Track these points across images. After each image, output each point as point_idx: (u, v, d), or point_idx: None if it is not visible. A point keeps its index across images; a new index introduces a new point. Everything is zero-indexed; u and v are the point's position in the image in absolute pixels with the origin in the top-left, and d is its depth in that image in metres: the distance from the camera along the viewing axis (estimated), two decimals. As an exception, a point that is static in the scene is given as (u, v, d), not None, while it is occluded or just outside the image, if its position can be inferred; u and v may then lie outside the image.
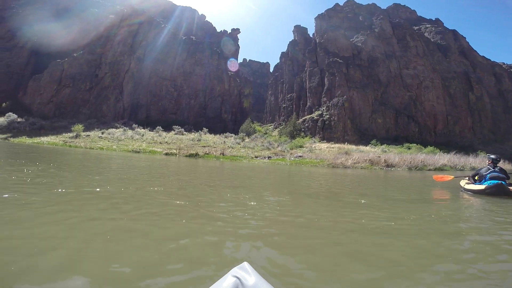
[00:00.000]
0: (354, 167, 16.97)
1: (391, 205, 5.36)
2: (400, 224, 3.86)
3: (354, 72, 58.53)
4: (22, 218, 3.11)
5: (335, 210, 4.76)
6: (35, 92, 50.70)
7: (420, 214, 4.50)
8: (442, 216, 4.55)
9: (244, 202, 4.77)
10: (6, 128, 36.64)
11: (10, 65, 51.57)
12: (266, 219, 3.76)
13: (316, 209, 4.76)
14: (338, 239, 3.05)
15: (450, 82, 63.27)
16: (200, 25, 76.30)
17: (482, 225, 4.16)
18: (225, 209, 4.16)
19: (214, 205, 4.52)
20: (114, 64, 52.64)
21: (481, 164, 31.25)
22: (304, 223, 3.71)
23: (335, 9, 71.16)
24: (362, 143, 47.71)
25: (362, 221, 3.85)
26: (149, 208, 4.00)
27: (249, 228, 3.26)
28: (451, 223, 4.08)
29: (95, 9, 56.05)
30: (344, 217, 4.17)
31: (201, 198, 5.06)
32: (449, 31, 71.53)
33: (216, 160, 18.52)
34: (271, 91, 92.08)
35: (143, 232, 2.89)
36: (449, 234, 3.44)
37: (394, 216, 4.33)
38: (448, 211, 5.23)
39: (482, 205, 5.82)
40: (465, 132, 61.04)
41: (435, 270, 2.29)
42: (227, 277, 0.89)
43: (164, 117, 53.59)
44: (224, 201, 4.85)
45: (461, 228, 3.85)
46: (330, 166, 16.83)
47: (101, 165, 10.94)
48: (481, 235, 3.52)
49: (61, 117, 47.26)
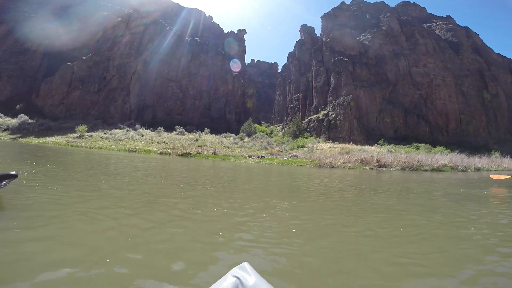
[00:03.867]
0: (343, 167, 16.55)
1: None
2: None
3: (361, 70, 57.37)
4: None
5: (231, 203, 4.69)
6: (47, 94, 52.63)
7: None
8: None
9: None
10: (17, 129, 38.24)
11: (23, 68, 53.76)
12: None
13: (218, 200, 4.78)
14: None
15: (463, 80, 60.92)
16: (207, 26, 76.96)
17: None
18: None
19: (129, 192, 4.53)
20: (121, 66, 53.90)
21: (489, 164, 29.99)
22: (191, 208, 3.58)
23: (341, 8, 70.02)
24: (369, 143, 46.67)
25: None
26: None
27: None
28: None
29: (104, 12, 57.59)
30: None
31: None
32: (461, 28, 68.88)
33: (205, 159, 18.56)
34: (279, 91, 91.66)
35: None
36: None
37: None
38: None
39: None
40: (480, 131, 58.54)
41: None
42: (227, 277, 0.90)
43: (170, 118, 54.29)
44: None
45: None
46: (317, 166, 16.48)
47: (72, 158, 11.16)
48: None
49: (71, 118, 48.79)
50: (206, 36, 70.38)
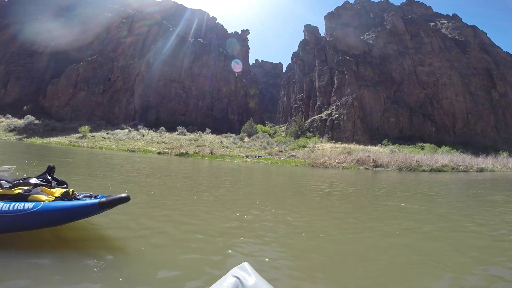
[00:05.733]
0: (338, 167, 16.39)
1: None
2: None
3: (364, 70, 56.77)
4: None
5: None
6: (53, 95, 53.66)
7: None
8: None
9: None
10: (23, 130, 39.11)
11: (31, 70, 54.97)
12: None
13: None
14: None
15: (470, 79, 59.70)
16: (211, 27, 77.34)
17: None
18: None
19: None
20: (125, 67, 54.60)
21: (494, 165, 29.13)
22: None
23: (345, 7, 69.48)
24: (372, 143, 46.15)
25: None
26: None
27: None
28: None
29: (108, 13, 58.47)
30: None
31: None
32: (467, 27, 67.49)
33: (201, 158, 18.65)
34: (284, 91, 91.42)
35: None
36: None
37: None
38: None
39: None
40: (488, 131, 57.25)
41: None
42: (227, 277, 0.90)
43: (173, 118, 54.71)
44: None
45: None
46: (310, 166, 16.37)
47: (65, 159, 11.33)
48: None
49: (77, 119, 49.60)
50: (209, 37, 70.74)
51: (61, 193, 3.12)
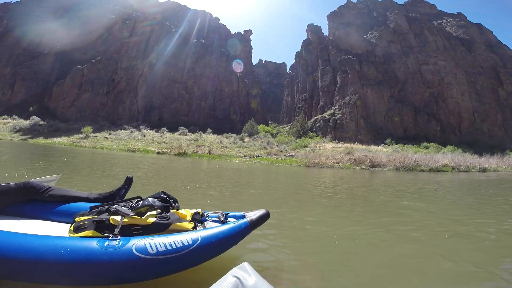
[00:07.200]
0: (333, 166, 16.29)
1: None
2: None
3: (368, 69, 56.32)
4: None
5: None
6: (58, 96, 54.54)
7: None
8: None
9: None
10: (28, 130, 39.83)
11: (37, 71, 55.95)
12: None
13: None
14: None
15: (476, 78, 58.71)
16: (213, 27, 77.63)
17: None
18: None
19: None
20: (129, 69, 55.21)
21: (498, 165, 28.49)
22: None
23: (348, 6, 69.03)
24: (376, 142, 45.73)
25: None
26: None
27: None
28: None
29: (112, 15, 59.17)
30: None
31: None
32: (473, 25, 66.38)
33: (198, 158, 18.77)
34: (287, 91, 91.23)
35: None
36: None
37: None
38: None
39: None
40: (495, 130, 56.21)
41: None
42: (227, 277, 0.90)
43: (176, 119, 55.09)
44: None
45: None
46: (305, 165, 16.32)
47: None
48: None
49: (81, 120, 50.29)
50: (212, 37, 71.00)
51: (191, 215, 2.35)
